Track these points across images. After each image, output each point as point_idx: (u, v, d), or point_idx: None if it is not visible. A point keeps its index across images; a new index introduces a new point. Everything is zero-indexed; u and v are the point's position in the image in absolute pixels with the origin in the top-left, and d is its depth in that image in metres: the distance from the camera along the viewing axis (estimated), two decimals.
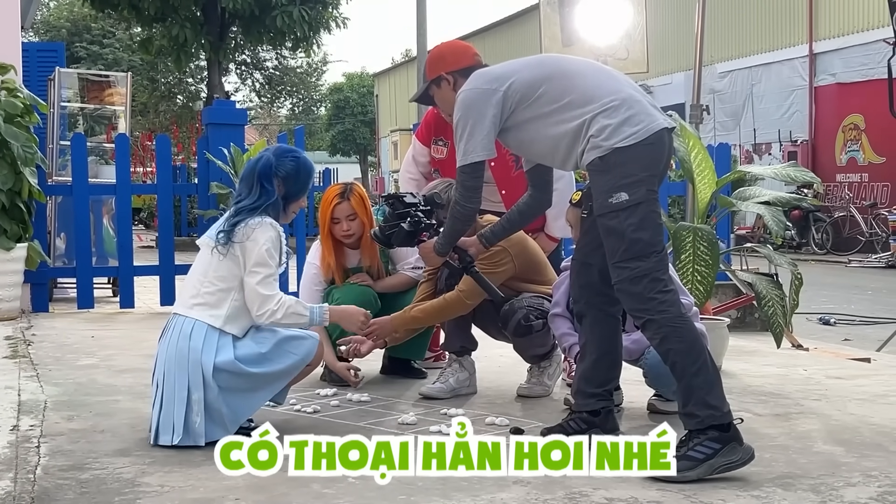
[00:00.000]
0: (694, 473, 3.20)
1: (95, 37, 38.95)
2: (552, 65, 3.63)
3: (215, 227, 3.75)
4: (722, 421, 3.26)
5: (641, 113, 3.39)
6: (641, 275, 3.33)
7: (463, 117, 3.60)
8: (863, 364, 5.84)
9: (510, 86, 3.56)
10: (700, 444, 3.24)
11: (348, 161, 54.66)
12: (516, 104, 3.56)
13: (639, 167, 3.34)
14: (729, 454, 3.23)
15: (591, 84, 3.47)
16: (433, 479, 3.20)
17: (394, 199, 4.19)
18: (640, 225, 3.33)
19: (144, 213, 21.97)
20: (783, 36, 22.63)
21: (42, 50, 11.97)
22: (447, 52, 4.08)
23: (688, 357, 3.30)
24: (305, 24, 25.12)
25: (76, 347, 5.90)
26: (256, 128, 48.66)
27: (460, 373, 4.56)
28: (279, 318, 3.65)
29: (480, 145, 3.59)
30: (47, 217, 8.12)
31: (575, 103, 3.44)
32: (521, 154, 3.86)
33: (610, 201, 3.34)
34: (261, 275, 3.62)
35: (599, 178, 3.39)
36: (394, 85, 49.20)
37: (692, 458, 3.22)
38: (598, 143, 3.36)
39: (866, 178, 20.37)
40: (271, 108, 49.17)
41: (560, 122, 3.46)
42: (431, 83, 4.05)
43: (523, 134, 3.60)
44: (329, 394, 4.51)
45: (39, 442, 3.64)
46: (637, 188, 3.33)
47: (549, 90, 3.51)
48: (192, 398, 3.55)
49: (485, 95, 3.57)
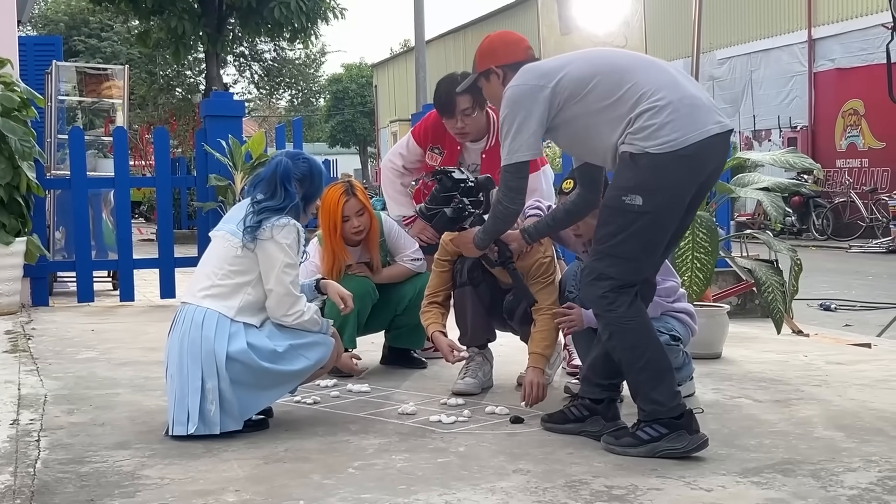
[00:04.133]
0: (635, 451, 3.34)
1: (93, 30, 38.84)
2: (603, 60, 3.51)
3: (231, 219, 3.75)
4: (668, 415, 3.32)
5: (685, 118, 3.28)
6: (607, 276, 3.36)
7: (510, 114, 3.49)
8: (863, 349, 5.84)
9: (559, 82, 3.44)
10: (648, 426, 3.36)
11: (348, 152, 54.61)
12: (565, 101, 3.43)
13: (665, 177, 3.27)
14: (675, 441, 3.31)
15: (643, 80, 3.35)
16: (433, 469, 3.20)
17: (442, 175, 4.02)
18: (636, 233, 3.31)
19: (144, 206, 21.95)
20: (782, 22, 22.58)
21: (39, 44, 11.96)
22: (499, 44, 3.86)
23: (631, 353, 3.37)
24: (303, 14, 25.04)
25: (76, 341, 5.90)
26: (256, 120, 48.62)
27: (485, 366, 4.50)
28: (305, 320, 3.69)
29: (526, 144, 3.47)
30: (46, 211, 8.12)
31: (624, 100, 3.34)
32: (570, 152, 3.78)
33: (623, 199, 3.29)
34: (291, 276, 3.65)
35: (623, 171, 3.33)
36: (393, 75, 49.12)
37: (638, 437, 3.36)
38: (634, 140, 3.29)
39: (866, 164, 20.34)
40: (270, 99, 49.09)
41: (610, 120, 3.36)
42: (480, 75, 3.86)
43: (572, 131, 3.49)
44: (329, 384, 4.51)
45: (39, 436, 3.64)
46: (655, 197, 3.28)
47: (599, 86, 3.39)
48: (207, 387, 3.55)
49: (532, 92, 3.46)
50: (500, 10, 36.09)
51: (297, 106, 50.14)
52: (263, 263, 3.65)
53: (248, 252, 3.65)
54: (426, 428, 3.77)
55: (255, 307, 3.67)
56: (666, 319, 4.13)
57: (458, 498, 2.92)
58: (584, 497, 2.92)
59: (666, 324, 4.12)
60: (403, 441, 3.57)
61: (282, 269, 3.63)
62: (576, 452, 3.41)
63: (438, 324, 4.44)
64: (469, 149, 5.02)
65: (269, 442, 3.55)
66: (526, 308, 4.38)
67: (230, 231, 3.71)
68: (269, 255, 3.63)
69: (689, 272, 5.05)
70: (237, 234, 3.67)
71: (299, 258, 3.76)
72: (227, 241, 3.70)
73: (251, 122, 45.39)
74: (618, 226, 3.33)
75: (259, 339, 3.63)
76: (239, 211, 3.77)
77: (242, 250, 3.65)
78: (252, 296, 3.66)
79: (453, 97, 4.78)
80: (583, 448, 3.46)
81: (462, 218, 4.00)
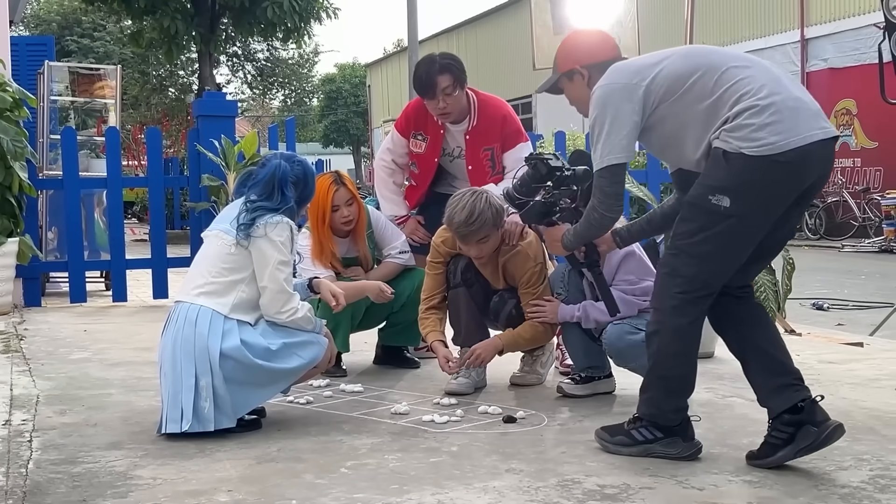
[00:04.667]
0: (626, 451, 3.32)
1: (86, 30, 38.78)
2: (701, 56, 3.28)
3: (224, 219, 3.75)
4: (664, 423, 3.29)
5: (788, 121, 3.07)
6: (680, 274, 3.19)
7: (600, 115, 3.28)
8: (856, 348, 5.85)
9: (654, 79, 3.25)
10: (644, 427, 3.32)
11: (341, 152, 54.61)
12: (660, 100, 3.24)
13: (758, 182, 3.07)
14: (668, 446, 3.29)
15: (744, 78, 3.15)
16: (426, 468, 3.20)
17: (537, 161, 3.75)
18: (717, 235, 3.12)
19: (137, 206, 21.92)
20: (774, 21, 22.60)
21: (31, 44, 11.94)
22: (583, 42, 3.62)
23: (668, 361, 3.27)
24: (296, 14, 25.04)
25: (69, 341, 5.89)
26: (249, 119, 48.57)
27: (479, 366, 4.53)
28: (298, 317, 3.69)
29: (619, 146, 3.25)
30: (38, 211, 8.10)
31: (724, 99, 3.13)
32: (661, 156, 3.56)
33: (710, 198, 3.10)
34: (285, 272, 3.66)
35: (714, 169, 3.12)
36: (386, 75, 49.07)
37: (632, 436, 3.33)
38: (730, 138, 3.08)
39: (859, 163, 20.37)
40: (263, 99, 49.08)
41: (706, 120, 3.16)
42: (562, 76, 3.59)
43: (665, 132, 3.29)
44: (322, 384, 4.51)
45: (31, 436, 3.63)
46: (743, 202, 3.08)
47: (698, 84, 3.19)
48: (200, 384, 3.55)
49: (625, 91, 3.25)
50: (494, 9, 36.09)
51: (291, 106, 50.14)
52: (257, 261, 3.65)
53: (242, 250, 3.65)
54: (419, 427, 3.77)
55: (249, 305, 3.67)
56: (645, 317, 4.14)
57: (450, 497, 2.92)
58: (576, 496, 2.93)
59: (645, 321, 4.12)
60: (396, 441, 3.57)
61: (275, 266, 3.63)
62: (568, 452, 3.41)
63: (437, 332, 4.46)
64: (451, 132, 5.01)
65: (261, 442, 3.55)
66: (511, 310, 4.40)
67: (223, 230, 3.71)
68: (263, 253, 3.64)
69: None
70: (230, 233, 3.67)
71: (292, 257, 3.76)
72: (221, 239, 3.70)
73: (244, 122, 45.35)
74: (699, 225, 3.14)
75: (253, 336, 3.63)
76: (232, 210, 3.77)
77: (236, 248, 3.65)
78: (246, 293, 3.66)
79: (433, 77, 4.78)
80: (575, 447, 3.46)
81: (552, 212, 3.76)
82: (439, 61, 4.83)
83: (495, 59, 34.55)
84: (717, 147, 3.11)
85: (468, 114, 4.95)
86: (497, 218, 4.23)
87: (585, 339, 4.30)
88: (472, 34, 37.65)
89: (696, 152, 3.21)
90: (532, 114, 31.83)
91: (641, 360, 4.12)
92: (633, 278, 4.13)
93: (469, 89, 4.93)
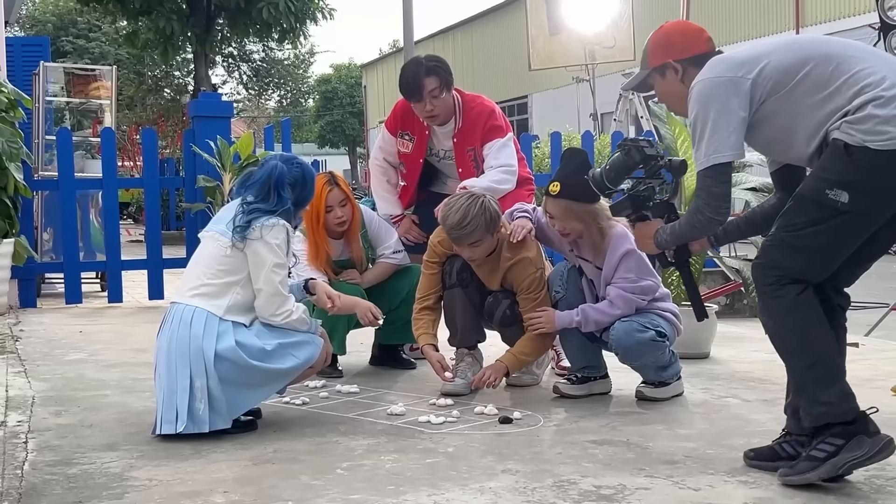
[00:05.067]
0: (815, 474, 2.96)
1: (81, 31, 38.72)
2: (813, 47, 3.09)
3: (220, 220, 3.75)
4: (839, 420, 2.97)
5: None
6: (779, 266, 3.01)
7: (702, 111, 3.09)
8: (851, 349, 5.78)
9: (760, 72, 3.06)
10: (822, 441, 2.99)
11: (337, 153, 54.56)
12: (768, 94, 3.06)
13: (882, 180, 2.88)
14: (854, 449, 2.94)
15: (864, 68, 2.96)
16: (422, 469, 3.20)
17: (630, 147, 3.48)
18: (828, 230, 2.94)
19: (132, 207, 21.89)
20: (770, 22, 22.62)
21: (27, 45, 11.92)
22: (676, 35, 3.40)
23: (798, 349, 3.02)
24: (292, 15, 25.00)
25: (64, 342, 5.88)
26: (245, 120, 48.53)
27: (475, 366, 4.51)
28: (293, 319, 3.69)
29: (727, 143, 3.06)
30: (34, 212, 8.09)
31: (842, 91, 2.95)
32: (767, 153, 3.34)
33: (827, 192, 2.91)
34: (280, 275, 3.66)
35: (833, 162, 2.93)
36: (382, 76, 49.04)
37: (814, 458, 2.98)
38: (852, 130, 2.89)
39: None
40: (259, 100, 49.01)
41: (821, 114, 2.99)
42: (653, 71, 3.39)
43: (773, 128, 3.10)
44: (318, 385, 4.50)
45: (27, 437, 3.63)
46: (864, 199, 2.90)
47: (811, 76, 3.01)
48: (195, 385, 3.55)
49: (730, 85, 3.07)
50: (490, 10, 36.09)
51: (286, 106, 50.08)
52: (253, 263, 3.65)
53: (238, 252, 3.66)
54: (415, 428, 3.77)
55: (244, 307, 3.67)
56: (651, 315, 4.16)
57: (446, 498, 2.92)
58: (572, 497, 2.93)
59: (651, 320, 4.14)
60: (392, 441, 3.57)
61: (271, 268, 3.63)
62: (564, 452, 3.41)
63: (429, 335, 4.46)
64: (437, 134, 5.01)
65: (257, 443, 3.55)
66: (505, 311, 4.40)
67: (219, 231, 3.71)
68: (259, 255, 3.64)
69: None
70: (226, 234, 3.67)
71: (288, 260, 3.76)
72: (217, 240, 3.70)
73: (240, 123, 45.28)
74: (810, 218, 2.95)
75: (248, 337, 3.63)
76: (228, 211, 3.77)
77: (232, 250, 3.65)
78: (241, 295, 3.66)
79: (420, 79, 4.78)
80: (571, 448, 3.47)
81: (645, 206, 3.49)
82: (426, 64, 4.82)
83: (491, 59, 34.56)
84: (838, 139, 2.92)
85: (453, 114, 4.95)
86: (491, 224, 4.22)
87: (582, 338, 4.31)
88: (468, 35, 37.64)
89: (809, 146, 3.04)
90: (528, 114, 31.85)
91: (647, 359, 4.15)
92: (633, 276, 4.14)
93: (455, 90, 4.94)
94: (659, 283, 4.25)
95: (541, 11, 11.74)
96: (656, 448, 3.47)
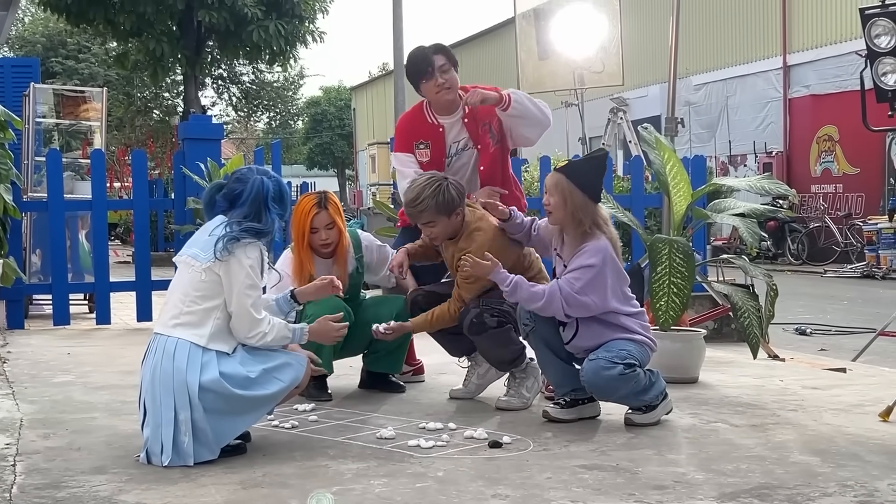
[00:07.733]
0: None
1: (71, 52, 38.72)
2: None
3: (194, 242, 3.74)
4: None
5: None
6: None
7: None
8: (838, 374, 5.87)
9: None
10: None
11: (326, 175, 54.57)
12: None
13: None
14: None
15: None
16: (411, 494, 3.20)
17: None
18: None
19: (121, 228, 21.85)
20: (757, 48, 22.77)
21: (17, 66, 11.88)
22: None
23: None
24: (282, 38, 25.10)
25: (52, 364, 5.86)
26: (233, 142, 48.52)
27: (479, 367, 4.66)
28: (268, 341, 3.68)
29: None
30: (23, 233, 8.07)
31: None
32: None
33: None
34: (252, 297, 3.64)
35: None
36: (371, 98, 49.16)
37: None
38: None
39: (841, 189, 20.48)
40: (248, 122, 49.04)
41: None
42: None
43: None
44: (307, 409, 4.50)
45: (15, 460, 3.61)
46: None
47: None
48: (180, 418, 3.54)
49: None
50: (479, 34, 36.25)
51: (276, 128, 50.11)
52: (226, 284, 3.64)
53: (213, 274, 3.63)
54: (405, 452, 3.76)
55: (226, 332, 3.66)
56: (615, 345, 4.13)
57: None
58: None
59: (618, 352, 4.11)
60: (382, 466, 3.57)
61: (243, 290, 3.62)
62: (554, 477, 3.41)
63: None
64: (448, 127, 5.03)
65: (246, 467, 3.54)
66: (472, 319, 4.43)
67: (192, 255, 3.70)
68: (232, 276, 3.62)
69: (666, 296, 5.08)
70: (199, 257, 3.65)
71: (264, 280, 3.75)
72: (191, 266, 3.68)
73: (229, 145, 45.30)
74: None
75: (231, 366, 3.62)
76: (203, 233, 3.75)
77: (206, 274, 3.63)
78: (221, 320, 3.65)
79: (430, 56, 4.95)
80: (561, 473, 3.47)
81: None
82: (431, 45, 5.04)
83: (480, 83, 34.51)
84: None
85: (460, 100, 5.02)
86: (444, 206, 4.35)
87: (557, 360, 4.32)
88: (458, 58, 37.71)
89: None
90: None
91: (621, 392, 4.15)
92: (580, 287, 4.08)
93: None
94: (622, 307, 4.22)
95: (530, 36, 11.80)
96: (645, 473, 3.47)
